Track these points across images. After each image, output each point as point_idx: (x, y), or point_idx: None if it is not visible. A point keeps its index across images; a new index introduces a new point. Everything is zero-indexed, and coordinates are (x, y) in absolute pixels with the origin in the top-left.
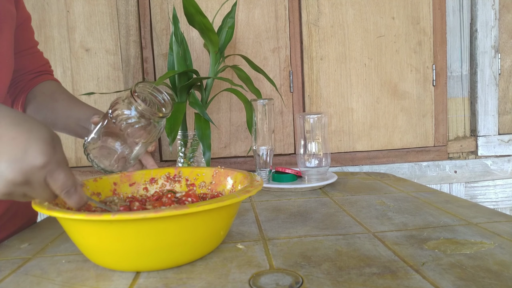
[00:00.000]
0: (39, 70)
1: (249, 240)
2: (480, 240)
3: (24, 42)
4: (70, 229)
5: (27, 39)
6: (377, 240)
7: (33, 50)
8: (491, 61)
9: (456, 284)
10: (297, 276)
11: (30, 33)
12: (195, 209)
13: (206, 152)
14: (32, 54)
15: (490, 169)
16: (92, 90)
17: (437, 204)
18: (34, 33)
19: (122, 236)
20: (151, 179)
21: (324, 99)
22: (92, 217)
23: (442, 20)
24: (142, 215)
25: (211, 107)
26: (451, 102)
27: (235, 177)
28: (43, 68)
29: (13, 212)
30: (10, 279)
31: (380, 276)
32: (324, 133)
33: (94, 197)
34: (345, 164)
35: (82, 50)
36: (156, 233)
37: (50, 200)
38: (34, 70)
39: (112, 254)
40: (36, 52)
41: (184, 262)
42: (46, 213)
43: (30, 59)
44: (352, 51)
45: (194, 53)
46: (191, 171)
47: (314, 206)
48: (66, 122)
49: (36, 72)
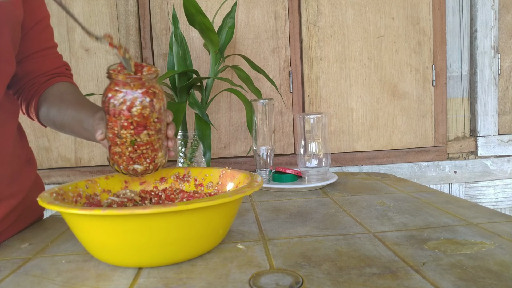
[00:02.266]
0: (53, 72)
1: (249, 240)
2: (480, 240)
3: (39, 43)
4: (70, 223)
5: (42, 40)
6: (377, 240)
7: (48, 52)
8: (491, 61)
9: (456, 285)
10: (297, 276)
11: (46, 34)
12: (183, 207)
13: (207, 152)
14: (46, 56)
15: (490, 169)
16: (92, 90)
17: (437, 204)
18: (52, 34)
19: (116, 231)
20: (161, 178)
21: (324, 99)
22: (85, 211)
23: (442, 20)
24: (130, 211)
25: (211, 107)
26: (451, 102)
27: (239, 178)
28: (59, 70)
29: (19, 213)
30: (10, 279)
31: (380, 276)
32: (324, 133)
33: (104, 194)
34: (345, 164)
35: (82, 50)
36: (149, 229)
37: None
38: (48, 72)
39: (109, 248)
40: (52, 54)
41: (182, 259)
42: (47, 207)
43: (44, 61)
44: (352, 51)
45: (194, 53)
46: (199, 171)
47: (314, 206)
48: (71, 124)
49: (51, 74)
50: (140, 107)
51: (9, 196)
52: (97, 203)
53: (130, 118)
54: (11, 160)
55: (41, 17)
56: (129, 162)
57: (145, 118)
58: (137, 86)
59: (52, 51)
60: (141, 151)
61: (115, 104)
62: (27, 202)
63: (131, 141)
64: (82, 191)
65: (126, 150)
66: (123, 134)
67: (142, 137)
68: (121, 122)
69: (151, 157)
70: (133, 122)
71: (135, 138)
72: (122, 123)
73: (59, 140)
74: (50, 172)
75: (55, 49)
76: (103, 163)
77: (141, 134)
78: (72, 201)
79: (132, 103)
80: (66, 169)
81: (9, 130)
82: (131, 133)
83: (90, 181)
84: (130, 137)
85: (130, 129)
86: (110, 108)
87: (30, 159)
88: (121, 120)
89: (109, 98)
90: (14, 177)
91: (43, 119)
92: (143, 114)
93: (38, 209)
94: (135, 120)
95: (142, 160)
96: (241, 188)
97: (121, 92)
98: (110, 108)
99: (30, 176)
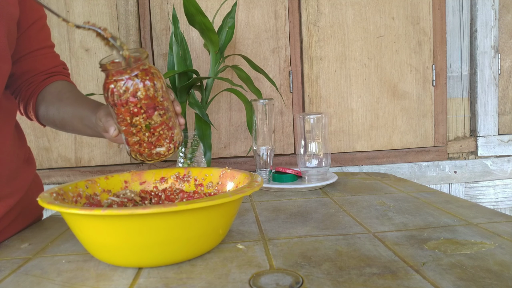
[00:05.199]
0: (51, 71)
1: (249, 240)
2: (480, 240)
3: (36, 43)
4: (70, 223)
5: (40, 39)
6: (377, 240)
7: (45, 51)
8: (491, 61)
9: (457, 285)
10: (297, 276)
11: (43, 33)
12: (183, 207)
13: (207, 152)
14: (43, 55)
15: (490, 169)
16: (92, 90)
17: (437, 204)
18: (49, 34)
19: (116, 231)
20: (161, 178)
21: (324, 99)
22: (85, 211)
23: (442, 20)
24: (130, 211)
25: (211, 107)
26: (451, 102)
27: (239, 178)
28: (56, 70)
29: (18, 212)
30: (10, 279)
31: (380, 276)
32: (324, 133)
33: (104, 194)
34: (345, 164)
35: (82, 50)
36: (149, 229)
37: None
38: (46, 71)
39: (109, 248)
40: (49, 53)
41: (182, 259)
42: (47, 207)
43: (41, 60)
44: (352, 51)
45: (194, 53)
46: (199, 171)
47: (314, 206)
48: (72, 121)
49: (48, 73)
50: (144, 89)
51: (8, 195)
52: (97, 203)
53: (138, 102)
54: (9, 159)
55: (38, 17)
56: (150, 148)
57: (152, 98)
58: (133, 69)
59: (49, 51)
60: (158, 132)
61: (120, 94)
62: (25, 201)
63: (146, 125)
64: (82, 191)
65: (144, 136)
66: (136, 121)
67: (155, 118)
68: (131, 109)
69: (169, 136)
70: (142, 106)
71: (149, 122)
72: (132, 110)
73: (59, 140)
74: (50, 172)
75: (52, 48)
76: (103, 163)
77: (153, 116)
78: (72, 201)
79: (135, 88)
80: (66, 169)
81: (7, 129)
82: (143, 118)
83: (90, 181)
84: (144, 122)
85: (141, 114)
86: (116, 99)
87: (29, 158)
88: (130, 107)
89: (111, 90)
90: (13, 176)
91: (42, 119)
92: (149, 95)
93: (37, 208)
94: (143, 103)
95: (162, 141)
96: (241, 188)
97: (122, 80)
98: (116, 100)
99: (28, 175)
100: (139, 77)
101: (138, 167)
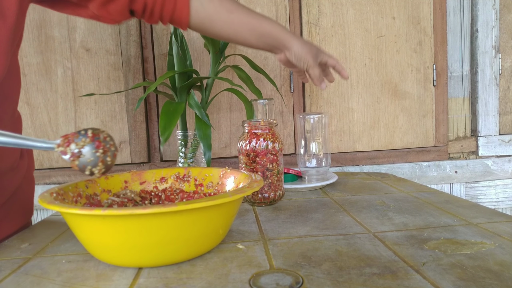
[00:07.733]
0: None
1: (249, 240)
2: (481, 240)
3: None
4: (70, 223)
5: None
6: (377, 240)
7: None
8: (492, 61)
9: (457, 285)
10: (297, 276)
11: None
12: (183, 207)
13: (207, 152)
14: None
15: (491, 169)
16: (92, 90)
17: (438, 204)
18: None
19: (116, 231)
20: (161, 178)
21: (325, 99)
22: (85, 211)
23: (443, 20)
24: (130, 211)
25: (211, 107)
26: (452, 102)
27: (239, 178)
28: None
29: (3, 214)
30: (10, 279)
31: (381, 276)
32: (324, 133)
33: (104, 194)
34: (346, 164)
35: (83, 50)
36: (149, 229)
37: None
38: None
39: (109, 248)
40: None
41: (182, 259)
42: (47, 207)
43: None
44: (353, 51)
45: (194, 53)
46: (199, 171)
47: (314, 206)
48: (243, 31)
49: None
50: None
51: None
52: (97, 203)
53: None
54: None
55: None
56: (276, 190)
57: (274, 151)
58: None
59: None
60: (279, 177)
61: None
62: (17, 196)
63: (278, 170)
64: (82, 191)
65: (274, 179)
66: (272, 167)
67: (275, 165)
68: (271, 158)
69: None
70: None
71: (278, 169)
72: (272, 158)
73: None
74: (51, 172)
75: None
76: None
77: (274, 163)
78: (72, 201)
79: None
80: (66, 169)
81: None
82: (277, 163)
83: (90, 181)
84: (277, 167)
85: (276, 162)
86: (259, 150)
87: (22, 152)
88: (271, 156)
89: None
90: (3, 170)
91: (195, 13)
92: (275, 148)
93: (27, 202)
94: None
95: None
96: (241, 188)
97: (259, 136)
98: (259, 150)
99: (21, 170)
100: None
101: (138, 167)
